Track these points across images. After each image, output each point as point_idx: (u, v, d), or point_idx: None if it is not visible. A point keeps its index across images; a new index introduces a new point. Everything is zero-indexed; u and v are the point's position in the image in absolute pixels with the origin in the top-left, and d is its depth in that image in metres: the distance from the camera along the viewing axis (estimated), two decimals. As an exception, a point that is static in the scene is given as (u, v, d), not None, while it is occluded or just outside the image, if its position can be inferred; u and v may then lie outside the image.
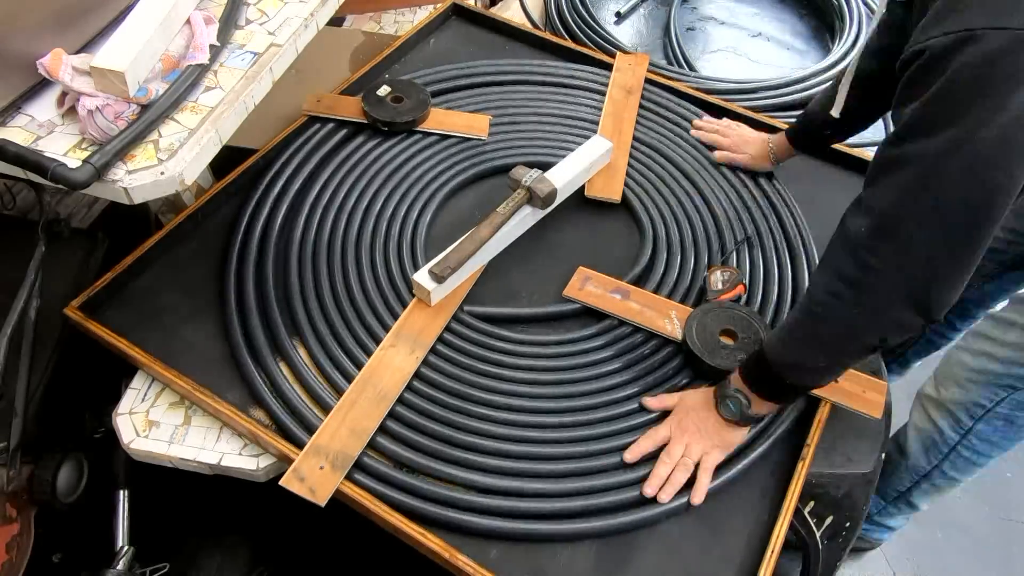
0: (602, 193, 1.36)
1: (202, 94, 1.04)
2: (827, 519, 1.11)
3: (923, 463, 1.38)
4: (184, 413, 1.08)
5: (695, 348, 1.09)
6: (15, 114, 0.97)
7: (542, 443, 1.03)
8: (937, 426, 1.30)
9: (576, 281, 1.20)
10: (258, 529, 1.31)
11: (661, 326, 1.14)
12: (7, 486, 1.03)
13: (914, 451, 1.37)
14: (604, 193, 1.36)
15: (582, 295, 1.18)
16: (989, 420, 1.23)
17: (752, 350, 1.05)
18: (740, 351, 1.09)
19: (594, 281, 1.20)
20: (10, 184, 1.34)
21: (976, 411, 1.23)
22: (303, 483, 0.96)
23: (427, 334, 1.13)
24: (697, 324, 1.12)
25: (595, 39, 1.94)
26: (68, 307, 1.13)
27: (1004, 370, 1.17)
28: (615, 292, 1.18)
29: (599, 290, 1.18)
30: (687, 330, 1.12)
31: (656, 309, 1.16)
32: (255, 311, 1.15)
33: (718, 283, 1.18)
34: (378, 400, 1.05)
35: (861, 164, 1.46)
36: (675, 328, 1.14)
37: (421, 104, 1.45)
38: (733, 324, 1.12)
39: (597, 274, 1.21)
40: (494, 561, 0.94)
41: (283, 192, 1.32)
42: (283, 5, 1.18)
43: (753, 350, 1.02)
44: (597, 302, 1.17)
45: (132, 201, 0.94)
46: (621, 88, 1.55)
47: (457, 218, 1.35)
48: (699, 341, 1.10)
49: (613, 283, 1.20)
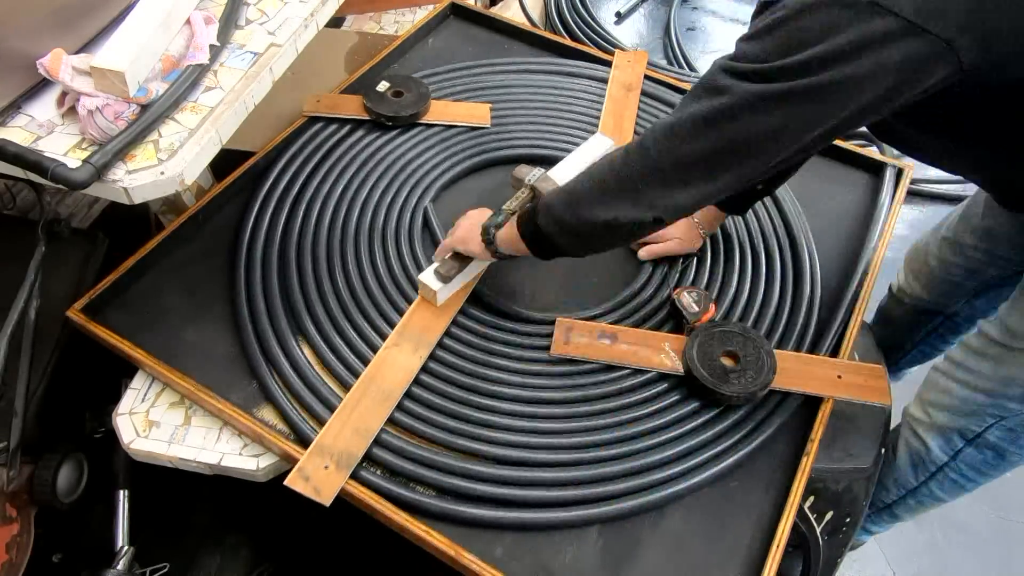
0: None
1: (202, 94, 1.04)
2: (827, 515, 1.11)
3: (911, 479, 1.37)
4: (184, 413, 1.08)
5: (704, 380, 1.05)
6: (15, 114, 0.98)
7: (548, 434, 1.04)
8: (927, 445, 1.30)
9: (559, 335, 1.13)
10: (259, 529, 1.31)
11: (659, 363, 1.10)
12: (7, 486, 1.03)
13: (903, 465, 1.37)
14: None
15: (570, 349, 1.12)
16: (979, 447, 1.23)
17: (757, 368, 1.06)
18: (747, 370, 1.06)
19: (577, 330, 1.14)
20: (10, 184, 1.34)
21: (968, 433, 1.23)
22: (308, 483, 0.96)
23: (431, 333, 1.13)
24: (698, 353, 1.08)
25: (595, 39, 1.95)
26: (70, 309, 1.13)
27: (990, 401, 1.17)
28: (602, 337, 1.13)
29: (585, 339, 1.13)
30: (689, 361, 1.07)
31: (649, 345, 1.12)
32: (261, 311, 1.15)
33: (692, 305, 1.14)
34: (382, 399, 1.05)
35: (864, 160, 1.46)
36: (673, 361, 1.10)
37: (422, 97, 1.45)
38: (733, 345, 1.09)
39: (578, 322, 1.16)
40: (500, 559, 0.94)
41: (286, 191, 1.33)
42: (283, 5, 1.18)
43: (756, 367, 1.04)
44: (587, 353, 1.11)
45: (132, 201, 0.94)
46: (621, 85, 1.56)
47: (457, 212, 1.34)
48: (705, 370, 1.06)
49: (597, 327, 1.15)
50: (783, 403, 1.08)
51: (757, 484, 1.03)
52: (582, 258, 1.07)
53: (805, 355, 1.14)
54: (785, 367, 1.08)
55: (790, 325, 1.19)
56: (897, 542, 1.76)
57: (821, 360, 1.13)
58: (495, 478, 0.99)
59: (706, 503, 1.00)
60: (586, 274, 1.26)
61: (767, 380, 1.05)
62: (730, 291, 1.22)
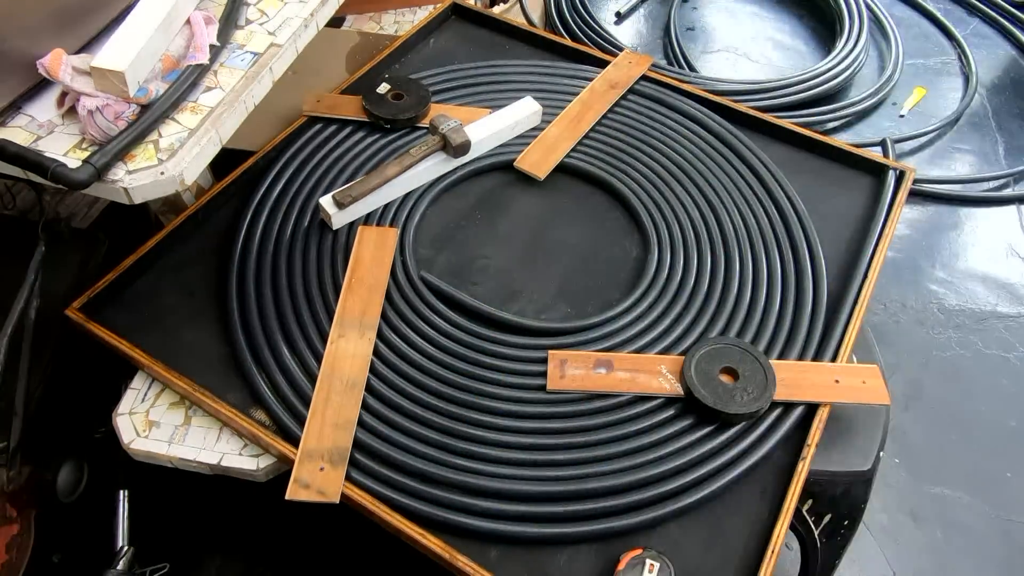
0: (531, 167, 1.37)
1: (202, 94, 1.04)
2: (825, 517, 1.11)
3: None
4: (184, 413, 1.08)
5: (707, 401, 1.03)
6: (15, 114, 0.98)
7: (546, 466, 1.03)
8: None
9: (554, 370, 1.10)
10: (258, 530, 1.31)
11: (657, 387, 1.08)
12: (7, 486, 1.03)
13: None
14: (532, 168, 1.37)
15: (565, 383, 1.08)
16: None
17: (757, 382, 1.05)
18: (747, 386, 1.06)
19: (571, 362, 1.11)
20: (10, 184, 1.34)
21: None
22: (310, 489, 0.96)
23: (370, 314, 1.14)
24: (696, 373, 1.06)
25: (595, 39, 1.95)
26: (69, 308, 1.13)
27: None
28: (598, 367, 1.10)
29: (581, 371, 1.09)
30: (689, 383, 1.05)
31: (645, 370, 1.10)
32: (255, 312, 1.15)
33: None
34: (348, 389, 1.05)
35: (866, 162, 1.46)
36: (672, 384, 1.08)
37: (421, 100, 1.45)
38: (730, 361, 1.08)
39: (571, 353, 1.12)
40: (494, 562, 0.94)
41: (283, 192, 1.33)
42: (283, 5, 1.18)
43: (756, 381, 1.03)
44: (583, 385, 1.08)
45: (132, 201, 0.94)
46: (606, 81, 1.55)
47: (454, 216, 1.35)
48: (707, 392, 1.04)
49: (592, 357, 1.11)
50: (783, 416, 1.07)
51: (753, 488, 1.03)
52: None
53: (802, 363, 1.13)
54: (783, 377, 1.08)
55: (793, 332, 1.18)
56: (897, 542, 1.76)
57: (818, 367, 1.12)
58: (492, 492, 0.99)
59: (702, 507, 1.00)
60: (581, 281, 1.26)
61: (769, 395, 1.04)
62: (730, 300, 1.21)
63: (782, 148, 1.49)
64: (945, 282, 2.08)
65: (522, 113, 1.35)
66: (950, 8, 2.92)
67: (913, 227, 2.17)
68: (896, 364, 1.91)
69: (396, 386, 1.08)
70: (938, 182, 2.24)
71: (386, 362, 1.11)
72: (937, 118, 2.39)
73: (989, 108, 2.52)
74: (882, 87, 2.42)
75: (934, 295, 2.05)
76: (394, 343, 1.13)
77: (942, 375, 1.90)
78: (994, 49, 2.76)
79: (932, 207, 2.23)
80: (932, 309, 2.02)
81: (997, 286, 2.07)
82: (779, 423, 1.06)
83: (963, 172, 2.29)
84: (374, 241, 1.24)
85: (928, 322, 2.00)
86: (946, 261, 2.12)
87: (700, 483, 1.01)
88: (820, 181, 1.43)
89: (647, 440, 1.04)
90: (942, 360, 1.92)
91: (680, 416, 1.07)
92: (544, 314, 1.21)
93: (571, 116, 1.46)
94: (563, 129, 1.43)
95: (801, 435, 1.06)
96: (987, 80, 2.61)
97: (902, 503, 1.72)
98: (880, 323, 1.99)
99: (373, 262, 1.21)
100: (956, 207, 2.23)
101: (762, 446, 1.04)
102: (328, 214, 1.24)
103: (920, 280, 2.08)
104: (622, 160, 1.42)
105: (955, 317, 2.00)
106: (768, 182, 1.40)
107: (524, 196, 1.38)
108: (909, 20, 2.83)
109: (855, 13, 2.53)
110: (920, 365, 1.90)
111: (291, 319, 1.15)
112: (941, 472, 1.74)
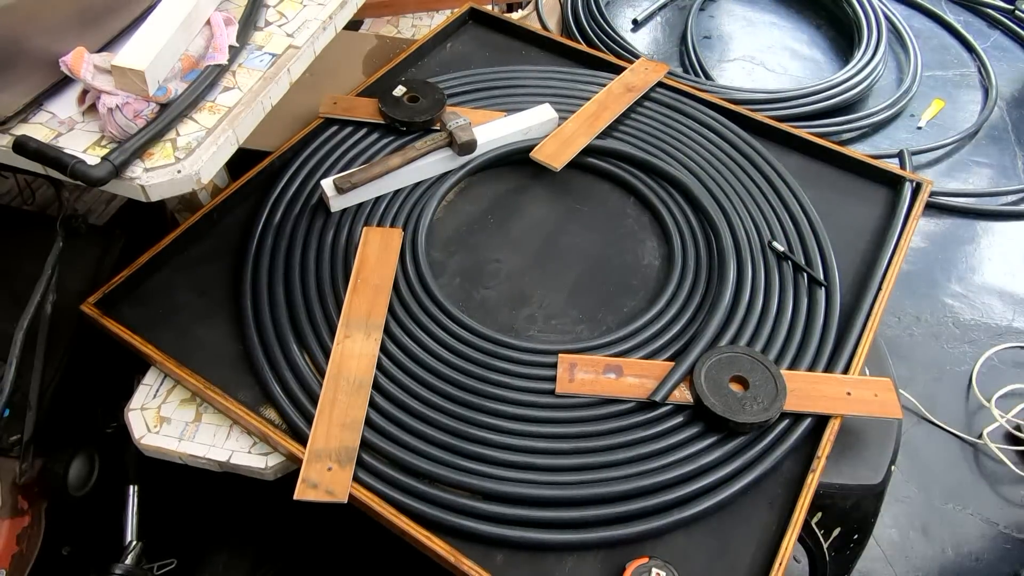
0: (547, 158, 1.37)
1: (220, 94, 1.05)
2: (835, 531, 1.10)
3: None
4: (195, 410, 1.09)
5: (716, 409, 1.03)
6: (37, 110, 0.99)
7: (553, 471, 1.03)
8: None
9: (564, 373, 1.10)
10: (265, 528, 1.32)
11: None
12: (19, 479, 1.04)
13: None
14: (549, 159, 1.37)
15: (575, 387, 1.08)
16: None
17: (767, 392, 1.04)
18: (757, 395, 1.05)
19: (581, 366, 1.11)
20: (30, 180, 1.36)
21: None
22: (318, 489, 0.97)
23: (375, 315, 1.14)
24: (707, 382, 1.06)
25: (611, 46, 1.95)
26: (84, 303, 1.14)
27: None
28: (608, 372, 1.10)
29: (591, 375, 1.10)
30: (699, 391, 1.05)
31: (655, 377, 1.09)
32: (267, 311, 1.16)
33: None
34: (355, 389, 1.06)
35: (883, 174, 1.45)
36: (683, 392, 1.08)
37: (437, 103, 1.46)
38: (741, 370, 1.07)
39: (581, 357, 1.12)
40: (500, 566, 0.94)
41: (298, 192, 1.33)
42: (302, 8, 1.19)
43: (766, 391, 1.02)
44: (593, 389, 1.08)
45: (149, 198, 0.95)
46: (622, 84, 1.56)
47: (467, 219, 1.35)
48: (716, 400, 1.04)
49: (602, 362, 1.11)
50: (793, 427, 1.06)
51: (762, 500, 1.02)
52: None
53: (813, 374, 1.12)
54: (794, 388, 1.07)
55: (804, 342, 1.17)
56: (907, 557, 1.74)
57: (829, 378, 1.11)
58: (498, 495, 0.99)
59: (710, 518, 0.99)
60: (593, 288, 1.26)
61: (779, 405, 1.03)
62: (741, 308, 1.20)
63: (798, 158, 1.49)
64: (960, 296, 2.06)
65: (536, 119, 1.36)
66: (970, 20, 2.91)
67: (929, 240, 2.16)
68: (909, 378, 1.89)
69: (405, 386, 1.08)
70: (955, 195, 2.22)
71: (395, 362, 1.11)
72: (955, 130, 2.37)
73: (1009, 121, 2.50)
74: (900, 98, 2.40)
75: (949, 309, 2.03)
76: (403, 343, 1.13)
77: (956, 390, 1.88)
78: (1015, 62, 2.74)
79: (949, 220, 2.21)
80: (947, 323, 2.01)
81: (1014, 301, 2.04)
82: (788, 434, 1.05)
83: (981, 185, 2.27)
84: (379, 242, 1.24)
85: (943, 336, 1.98)
86: (962, 275, 2.10)
87: (708, 492, 1.00)
88: (836, 192, 1.43)
89: (655, 447, 1.03)
90: (956, 375, 1.90)
91: (689, 424, 1.06)
92: (555, 319, 1.21)
93: (588, 114, 1.47)
94: (580, 125, 1.44)
95: (811, 447, 1.05)
96: (1007, 93, 2.59)
97: (913, 518, 1.70)
98: (894, 336, 1.97)
99: (378, 263, 1.21)
100: (973, 220, 2.21)
101: (771, 457, 1.03)
102: (327, 196, 1.27)
103: (935, 293, 2.06)
104: (645, 158, 1.43)
105: (970, 332, 1.98)
106: (783, 192, 1.39)
107: (536, 200, 1.39)
108: (928, 32, 2.81)
109: (874, 24, 2.51)
110: (934, 379, 1.88)
111: (303, 319, 1.15)
112: (953, 488, 1.72)
